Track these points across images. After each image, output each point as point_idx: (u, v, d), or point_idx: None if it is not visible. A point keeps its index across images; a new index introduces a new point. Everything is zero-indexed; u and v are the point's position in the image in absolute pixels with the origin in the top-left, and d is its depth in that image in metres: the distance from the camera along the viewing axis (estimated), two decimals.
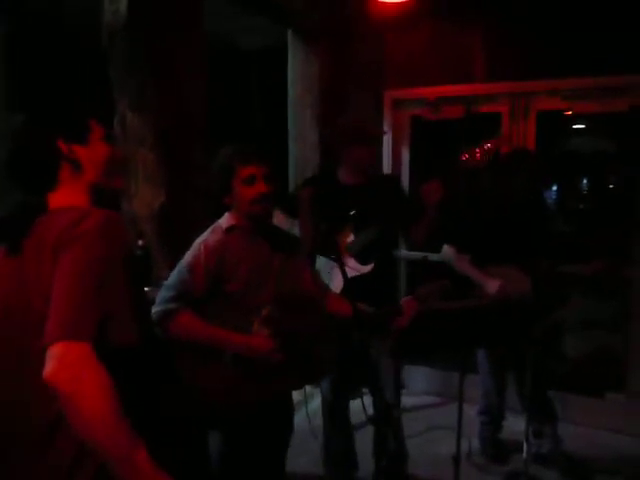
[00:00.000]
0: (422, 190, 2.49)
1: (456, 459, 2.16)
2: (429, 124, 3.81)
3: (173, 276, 1.86)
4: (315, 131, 3.80)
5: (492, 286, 2.77)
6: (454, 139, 3.90)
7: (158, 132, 2.56)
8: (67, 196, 1.23)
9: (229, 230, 1.91)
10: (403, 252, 3.89)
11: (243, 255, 1.88)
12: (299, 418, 3.50)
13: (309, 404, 2.47)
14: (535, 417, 2.90)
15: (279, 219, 2.65)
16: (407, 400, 3.77)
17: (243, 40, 4.93)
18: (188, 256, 1.86)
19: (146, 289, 2.14)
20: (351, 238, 2.56)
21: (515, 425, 3.16)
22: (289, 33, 3.93)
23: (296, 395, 3.72)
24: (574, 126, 6.23)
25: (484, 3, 3.46)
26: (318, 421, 2.73)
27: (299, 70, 3.88)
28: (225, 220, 1.94)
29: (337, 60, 3.84)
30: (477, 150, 2.49)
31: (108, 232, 1.12)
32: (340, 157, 2.64)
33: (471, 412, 3.20)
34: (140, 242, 2.60)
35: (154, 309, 1.82)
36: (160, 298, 1.84)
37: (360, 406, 1.78)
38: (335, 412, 2.71)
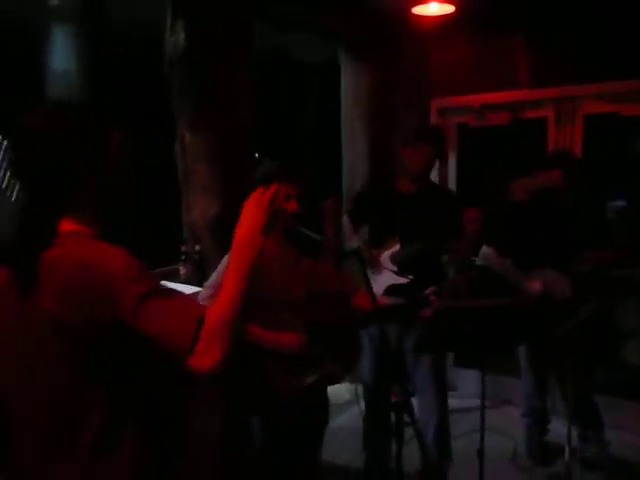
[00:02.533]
0: (464, 216, 2.57)
1: (480, 452, 2.24)
2: (475, 131, 3.88)
3: (213, 277, 2.10)
4: (364, 142, 3.97)
5: (533, 287, 2.82)
6: (500, 146, 3.95)
7: (212, 148, 2.84)
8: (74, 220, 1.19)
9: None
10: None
11: (274, 260, 2.08)
12: (347, 415, 3.68)
13: (359, 403, 2.62)
14: (579, 421, 2.90)
15: (347, 227, 2.82)
16: (457, 402, 3.83)
17: (300, 54, 5.19)
18: (227, 259, 2.08)
19: (198, 289, 2.40)
20: (397, 248, 2.65)
21: (562, 428, 3.15)
22: (340, 49, 4.13)
23: (344, 394, 3.91)
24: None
25: (527, 9, 3.50)
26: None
27: (349, 84, 4.07)
28: None
29: (385, 73, 4.00)
30: (528, 185, 2.54)
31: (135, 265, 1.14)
32: (397, 164, 2.76)
33: (519, 414, 3.25)
34: (197, 247, 2.88)
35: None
36: (201, 297, 2.07)
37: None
38: (376, 404, 2.81)
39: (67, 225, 1.18)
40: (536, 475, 3.02)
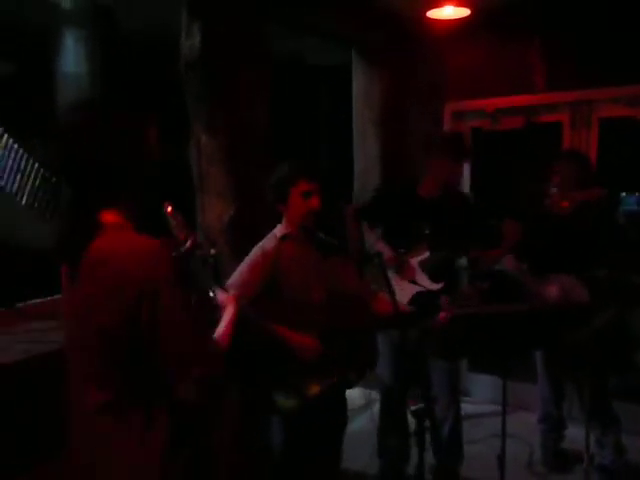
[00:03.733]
0: (502, 228, 2.56)
1: (501, 459, 2.22)
2: (490, 135, 3.86)
3: (234, 277, 2.10)
4: (376, 145, 3.96)
5: (550, 292, 2.79)
6: (515, 150, 3.93)
7: (228, 152, 2.83)
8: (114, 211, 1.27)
9: (283, 238, 2.14)
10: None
11: (295, 261, 2.09)
12: (361, 420, 3.66)
13: (372, 408, 2.62)
14: (596, 427, 2.87)
15: (368, 233, 2.80)
16: (471, 408, 3.81)
17: (312, 56, 5.19)
18: (248, 260, 2.11)
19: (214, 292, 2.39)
20: (426, 255, 2.64)
21: (580, 435, 3.12)
22: (352, 52, 4.13)
23: (358, 399, 3.89)
24: None
25: (541, 13, 3.49)
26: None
27: (361, 87, 4.07)
28: (279, 229, 2.17)
29: (398, 76, 3.99)
30: (565, 200, 2.52)
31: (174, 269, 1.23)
32: (424, 169, 2.71)
33: (535, 420, 3.22)
34: (212, 251, 2.87)
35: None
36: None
37: None
38: (393, 408, 2.81)
39: (110, 217, 1.25)
40: None
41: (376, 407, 3.22)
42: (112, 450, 1.26)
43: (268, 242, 2.14)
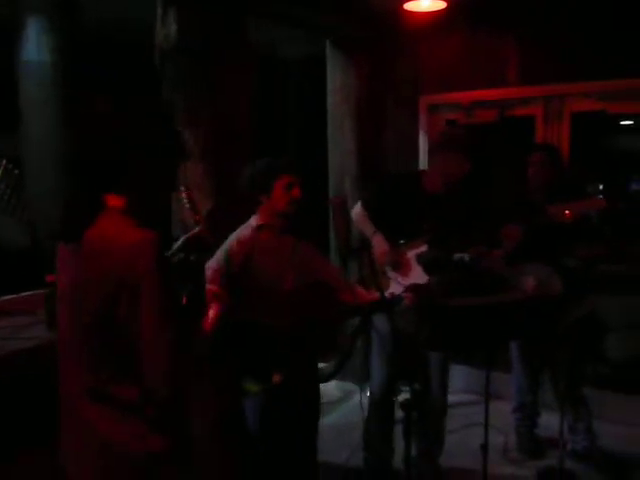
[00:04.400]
0: (503, 232, 2.60)
1: (484, 447, 2.26)
2: (465, 128, 3.89)
3: (209, 264, 2.11)
4: (352, 139, 3.95)
5: (527, 283, 2.85)
6: (489, 143, 3.98)
7: (206, 145, 2.78)
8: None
9: (259, 228, 2.23)
10: None
11: (270, 250, 2.19)
12: (339, 413, 3.68)
13: (346, 402, 2.64)
14: (569, 413, 2.96)
15: (364, 225, 2.77)
16: (448, 398, 3.87)
17: (284, 49, 5.13)
18: (223, 248, 2.18)
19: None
20: (424, 248, 2.64)
21: (552, 421, 3.21)
22: (327, 43, 4.10)
23: (336, 392, 3.91)
24: (622, 122, 6.15)
25: (515, 7, 3.53)
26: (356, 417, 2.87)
27: (337, 79, 4.04)
28: (255, 219, 2.25)
29: (374, 69, 3.98)
30: (568, 211, 2.55)
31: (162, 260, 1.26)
32: (433, 159, 2.71)
33: (508, 409, 3.29)
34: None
35: None
36: None
37: None
38: (382, 401, 2.80)
39: (114, 201, 1.30)
40: (527, 468, 3.06)
41: (355, 399, 3.25)
42: (98, 436, 1.29)
43: (244, 231, 2.23)
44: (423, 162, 4.00)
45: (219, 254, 2.16)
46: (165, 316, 1.24)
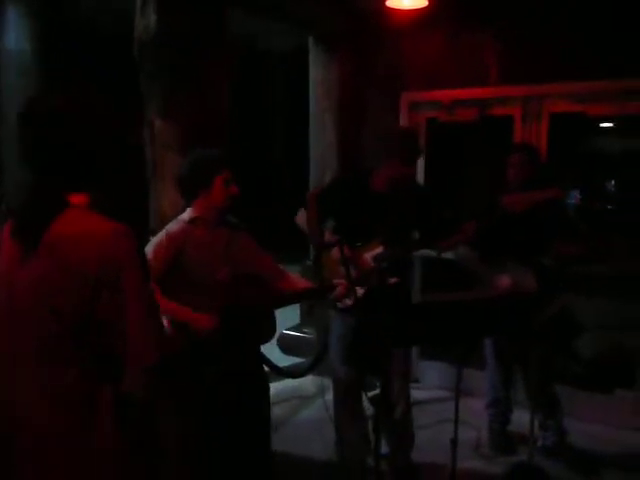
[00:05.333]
0: (461, 228, 2.64)
1: (454, 442, 2.29)
2: (444, 126, 3.92)
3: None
4: (333, 133, 3.96)
5: (501, 281, 2.88)
6: (468, 141, 4.01)
7: (184, 136, 2.76)
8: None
9: (192, 221, 2.21)
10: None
11: (203, 243, 2.18)
12: (314, 408, 3.69)
13: (321, 397, 2.66)
14: (540, 410, 3.00)
15: (301, 219, 2.80)
16: (420, 394, 3.90)
17: (272, 42, 5.11)
18: (152, 243, 2.16)
19: None
20: (379, 250, 2.63)
21: (523, 418, 3.24)
22: (310, 38, 4.08)
23: (311, 387, 3.92)
24: (601, 124, 6.24)
25: (497, 8, 3.55)
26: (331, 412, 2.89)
27: (319, 74, 4.04)
28: (187, 213, 2.23)
29: (355, 65, 3.99)
30: (521, 201, 2.58)
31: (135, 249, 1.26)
32: (378, 163, 2.68)
33: (480, 405, 3.33)
34: (151, 238, 2.81)
35: None
36: None
37: None
38: (350, 397, 2.82)
39: (77, 199, 1.28)
40: (498, 464, 3.10)
41: (328, 396, 3.26)
42: (64, 431, 1.27)
43: (175, 226, 2.21)
44: None
45: (148, 248, 2.14)
46: (150, 309, 1.26)
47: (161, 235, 2.17)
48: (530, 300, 2.55)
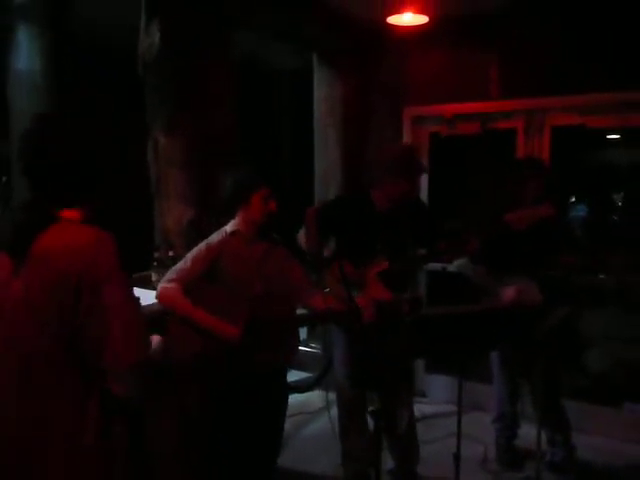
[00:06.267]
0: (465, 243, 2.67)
1: (456, 457, 2.27)
2: (448, 140, 3.94)
3: (179, 264, 2.29)
4: (337, 149, 3.99)
5: (507, 294, 2.87)
6: (471, 155, 4.03)
7: (188, 154, 2.80)
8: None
9: (232, 234, 2.33)
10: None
11: (238, 255, 2.28)
12: (320, 423, 3.68)
13: (329, 411, 2.66)
14: (548, 425, 2.97)
15: (301, 238, 2.81)
16: (427, 408, 3.88)
17: (277, 60, 5.18)
18: (194, 251, 2.30)
19: None
20: (384, 266, 2.63)
21: (531, 433, 3.21)
22: (314, 56, 4.14)
23: (317, 402, 3.91)
24: (607, 136, 6.22)
25: (497, 22, 3.59)
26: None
27: (323, 91, 4.09)
28: (230, 226, 2.35)
29: (359, 82, 4.03)
30: (524, 217, 2.61)
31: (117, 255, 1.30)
32: (380, 182, 2.70)
33: (489, 419, 3.30)
34: (170, 253, 2.84)
35: (159, 285, 2.27)
36: (164, 277, 2.27)
37: None
38: (354, 412, 2.82)
39: (69, 214, 1.32)
40: (505, 479, 3.06)
41: (334, 410, 3.25)
42: (50, 429, 1.29)
43: (216, 237, 2.34)
44: None
45: (188, 256, 2.28)
46: (130, 312, 1.28)
47: (201, 245, 2.30)
48: (535, 312, 2.54)
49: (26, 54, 4.09)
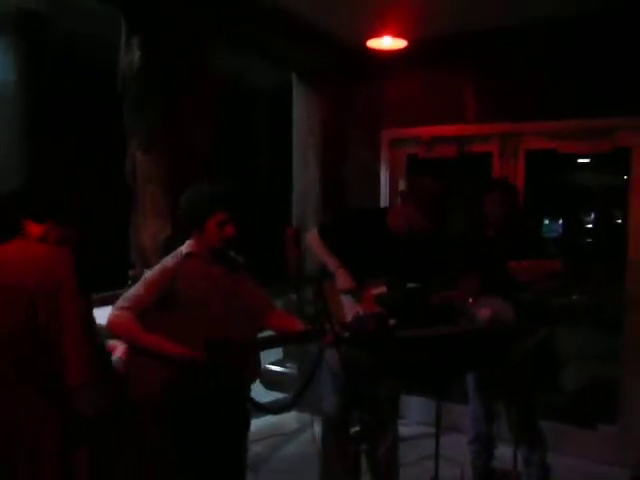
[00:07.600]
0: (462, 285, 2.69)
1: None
2: (425, 163, 3.99)
3: (131, 289, 2.14)
4: (316, 169, 4.01)
5: (482, 313, 2.89)
6: (448, 177, 4.08)
7: (165, 170, 2.78)
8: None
9: (187, 256, 2.18)
10: None
11: (195, 277, 2.14)
12: (296, 444, 3.62)
13: (303, 433, 2.61)
14: (524, 445, 2.97)
15: (326, 257, 2.72)
16: (405, 430, 3.85)
17: (257, 78, 5.21)
18: (147, 275, 2.16)
19: None
20: (382, 290, 2.63)
21: (507, 453, 3.22)
22: (293, 76, 4.18)
23: (293, 423, 3.85)
24: (579, 160, 6.42)
25: (474, 49, 3.68)
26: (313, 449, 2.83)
27: (302, 110, 4.12)
28: (185, 247, 2.21)
29: (338, 102, 4.07)
30: (531, 270, 2.62)
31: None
32: (396, 207, 2.72)
33: (465, 440, 3.29)
34: (145, 271, 2.78)
35: (110, 313, 2.09)
36: (115, 304, 2.10)
37: None
38: (336, 431, 2.76)
39: (34, 229, 1.37)
40: None
41: (314, 430, 3.20)
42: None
43: (171, 259, 2.19)
44: (384, 195, 4.07)
45: (140, 281, 2.14)
46: (83, 327, 1.33)
47: (155, 268, 2.16)
48: (509, 332, 2.56)
49: (0, 66, 4.03)
